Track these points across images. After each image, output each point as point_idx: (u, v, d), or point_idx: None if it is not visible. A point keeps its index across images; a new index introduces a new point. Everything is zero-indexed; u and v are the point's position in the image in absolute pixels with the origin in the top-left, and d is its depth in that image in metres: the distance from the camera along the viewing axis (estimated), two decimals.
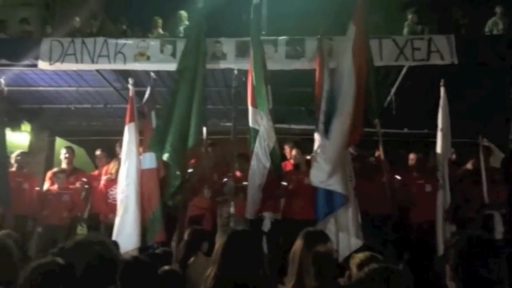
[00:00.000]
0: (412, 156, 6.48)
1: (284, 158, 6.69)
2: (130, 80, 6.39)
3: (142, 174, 5.87)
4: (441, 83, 6.04)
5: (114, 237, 5.51)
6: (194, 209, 6.38)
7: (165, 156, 5.76)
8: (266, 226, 6.19)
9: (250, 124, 5.71)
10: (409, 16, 8.02)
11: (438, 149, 5.93)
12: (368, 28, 5.83)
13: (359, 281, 2.28)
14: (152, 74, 6.61)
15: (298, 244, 2.67)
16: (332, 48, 6.38)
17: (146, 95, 6.41)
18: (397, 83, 7.10)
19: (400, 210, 6.10)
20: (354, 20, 5.71)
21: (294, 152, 6.34)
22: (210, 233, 5.17)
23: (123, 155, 6.02)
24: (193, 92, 5.97)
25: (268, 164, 5.48)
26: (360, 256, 2.91)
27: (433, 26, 8.24)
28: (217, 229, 6.38)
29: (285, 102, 7.94)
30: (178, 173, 5.78)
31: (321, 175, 5.46)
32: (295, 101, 8.02)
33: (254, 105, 5.73)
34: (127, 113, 6.20)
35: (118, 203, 5.84)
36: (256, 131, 5.62)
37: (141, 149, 6.07)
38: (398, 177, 6.40)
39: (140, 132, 6.19)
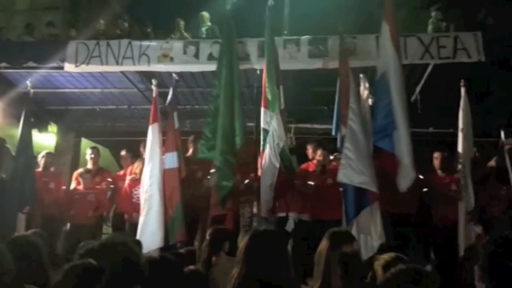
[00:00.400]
0: (436, 155, 6.36)
1: (306, 158, 6.67)
2: (154, 81, 6.46)
3: (164, 174, 5.93)
4: (461, 83, 5.91)
5: (138, 236, 5.57)
6: (215, 209, 6.40)
7: (217, 161, 5.76)
8: (290, 226, 6.19)
9: (262, 125, 5.75)
10: (433, 14, 7.87)
11: (459, 149, 5.81)
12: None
13: (387, 282, 2.26)
14: (173, 75, 6.66)
15: (324, 244, 2.65)
16: (356, 46, 6.33)
17: (169, 97, 6.45)
18: (422, 81, 6.99)
19: (424, 210, 6.00)
20: (386, 18, 5.57)
21: (319, 152, 6.29)
22: (232, 233, 5.18)
23: (146, 155, 6.08)
24: (232, 93, 5.96)
25: (278, 164, 5.48)
26: (385, 257, 2.87)
27: (457, 23, 8.09)
28: (239, 229, 6.38)
29: (307, 101, 7.94)
30: (230, 175, 5.76)
31: (351, 173, 5.37)
32: (318, 101, 7.99)
33: (266, 106, 5.72)
34: (150, 114, 6.24)
35: (142, 202, 5.90)
36: (266, 132, 5.64)
37: (163, 149, 6.12)
38: (421, 176, 6.29)
39: (163, 133, 6.23)
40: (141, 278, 2.15)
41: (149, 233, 5.65)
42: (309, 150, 6.60)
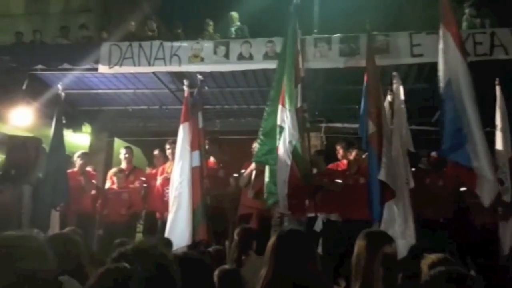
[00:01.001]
0: None
1: (335, 158, 6.61)
2: (185, 82, 6.52)
3: (192, 172, 6.00)
4: (496, 82, 5.74)
5: (166, 234, 5.65)
6: (243, 208, 6.43)
7: (270, 161, 5.72)
8: (318, 226, 6.15)
9: (278, 121, 5.68)
10: (467, 10, 7.67)
11: (498, 148, 5.64)
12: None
13: (428, 282, 2.22)
14: (198, 76, 6.71)
15: (362, 245, 2.61)
16: (389, 44, 6.23)
17: (196, 97, 6.52)
18: None
19: (460, 213, 5.87)
20: (444, 22, 5.27)
21: (355, 152, 6.22)
22: (259, 232, 5.19)
23: (177, 153, 6.15)
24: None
25: (289, 162, 5.43)
26: (433, 257, 2.82)
27: (491, 20, 7.87)
28: (264, 227, 6.37)
29: (338, 100, 7.87)
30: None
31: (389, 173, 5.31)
32: (349, 99, 7.90)
33: (283, 104, 5.68)
34: (181, 113, 6.31)
35: (171, 200, 5.96)
36: (282, 129, 5.60)
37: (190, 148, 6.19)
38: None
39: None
40: (172, 282, 2.17)
41: (178, 231, 5.69)
42: (339, 150, 6.53)
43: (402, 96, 5.49)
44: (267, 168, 5.75)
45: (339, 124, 8.30)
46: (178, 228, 5.72)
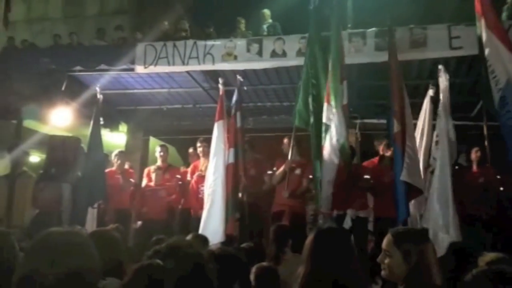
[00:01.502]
0: None
1: (371, 154, 6.50)
2: (220, 80, 6.55)
3: (226, 170, 6.03)
4: None
5: (201, 231, 5.67)
6: (276, 206, 6.40)
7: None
8: (347, 223, 6.07)
9: (323, 119, 5.59)
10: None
11: None
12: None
13: (470, 280, 2.13)
14: (238, 76, 6.70)
15: (388, 243, 2.51)
16: (426, 37, 6.05)
17: (234, 96, 6.50)
18: None
19: (503, 211, 5.66)
20: (486, 20, 5.17)
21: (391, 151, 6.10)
22: (294, 229, 5.15)
23: (211, 151, 6.19)
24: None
25: (336, 160, 5.34)
26: (491, 255, 2.72)
27: None
28: (297, 225, 6.32)
29: (373, 96, 7.73)
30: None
31: (412, 173, 5.20)
32: (384, 95, 7.73)
33: (328, 102, 5.60)
34: (216, 111, 6.33)
35: (205, 197, 6.01)
36: (328, 127, 5.51)
37: (226, 146, 6.19)
38: (498, 176, 5.95)
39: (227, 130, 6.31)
40: (208, 282, 2.17)
41: (212, 228, 5.72)
42: (380, 147, 6.40)
43: (447, 91, 5.32)
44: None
45: (374, 120, 8.15)
46: (212, 225, 5.76)
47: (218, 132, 6.20)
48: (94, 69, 7.59)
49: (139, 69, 7.23)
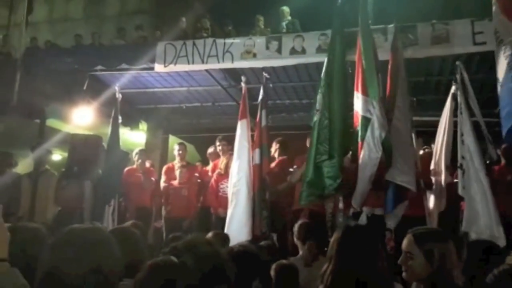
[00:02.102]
0: None
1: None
2: (243, 78, 6.47)
3: (253, 169, 6.00)
4: None
5: (226, 229, 5.70)
6: (296, 204, 6.33)
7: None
8: (362, 220, 5.99)
9: (361, 112, 5.41)
10: None
11: None
12: None
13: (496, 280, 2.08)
14: (264, 74, 6.66)
15: (409, 243, 2.47)
16: (448, 33, 5.94)
17: (260, 95, 6.48)
18: None
19: None
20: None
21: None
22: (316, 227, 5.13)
23: (235, 150, 6.16)
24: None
25: (379, 154, 5.17)
26: None
27: None
28: (316, 223, 6.26)
29: None
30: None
31: (394, 172, 5.15)
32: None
33: (366, 94, 5.43)
34: (240, 110, 6.29)
35: (230, 195, 5.99)
36: (368, 120, 5.33)
37: (253, 146, 6.16)
38: None
39: (251, 129, 6.29)
40: (225, 278, 2.16)
41: (237, 226, 5.72)
42: None
43: (469, 87, 5.21)
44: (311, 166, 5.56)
45: None
46: (237, 224, 5.75)
47: (241, 131, 6.15)
48: (115, 68, 7.67)
49: (159, 67, 7.28)
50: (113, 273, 1.86)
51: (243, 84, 6.42)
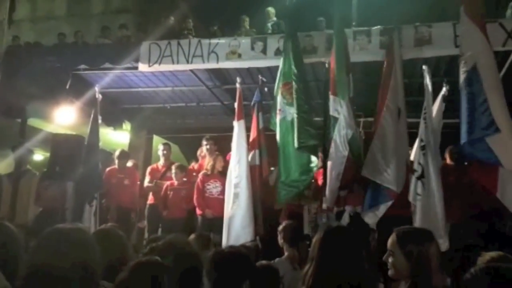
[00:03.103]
0: None
1: None
2: (238, 79, 6.49)
3: (250, 170, 6.02)
4: None
5: (227, 230, 5.73)
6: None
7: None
8: (345, 219, 6.05)
9: (330, 112, 5.62)
10: None
11: None
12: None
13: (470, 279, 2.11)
14: (260, 77, 6.65)
15: (393, 243, 2.49)
16: (431, 35, 6.02)
17: (256, 96, 6.51)
18: (504, 69, 6.53)
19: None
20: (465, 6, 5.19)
21: None
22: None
23: (234, 151, 6.16)
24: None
25: (346, 153, 5.34)
26: (492, 254, 2.70)
27: None
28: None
29: (377, 94, 7.68)
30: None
31: (373, 169, 5.25)
32: None
33: (335, 94, 5.61)
34: (236, 111, 6.32)
35: (230, 197, 5.95)
36: (336, 119, 5.51)
37: (249, 147, 6.19)
38: None
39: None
40: (199, 279, 2.17)
41: (240, 226, 5.73)
42: None
43: (430, 89, 5.31)
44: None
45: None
46: (240, 225, 5.75)
47: (239, 132, 6.18)
48: (98, 67, 7.58)
49: (143, 67, 7.22)
50: (96, 272, 1.86)
51: (238, 85, 6.43)
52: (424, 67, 5.52)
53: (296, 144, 5.54)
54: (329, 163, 5.53)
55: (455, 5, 5.51)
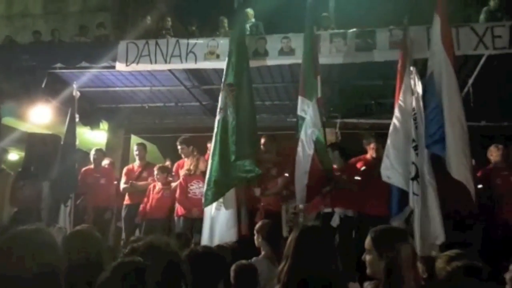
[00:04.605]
0: (494, 149, 6.15)
1: (351, 154, 6.56)
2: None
3: None
4: None
5: (209, 230, 5.70)
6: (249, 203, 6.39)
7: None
8: (335, 221, 6.11)
9: (298, 112, 5.76)
10: (491, 3, 7.48)
11: None
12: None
13: (450, 276, 2.20)
14: None
15: (370, 242, 2.56)
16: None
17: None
18: (475, 73, 6.73)
19: (487, 209, 5.80)
20: (437, 9, 5.43)
21: (374, 146, 6.18)
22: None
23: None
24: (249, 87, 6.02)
25: (311, 152, 5.45)
26: (449, 253, 2.80)
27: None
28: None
29: (354, 95, 7.83)
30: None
31: (390, 172, 5.33)
32: (365, 95, 7.86)
33: (303, 95, 5.75)
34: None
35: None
36: (303, 119, 5.64)
37: None
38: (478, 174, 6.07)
39: None
40: (181, 279, 2.20)
41: (225, 227, 5.69)
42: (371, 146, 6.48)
43: (420, 90, 5.43)
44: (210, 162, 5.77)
45: (354, 119, 8.25)
46: (225, 225, 5.71)
47: None
48: (75, 66, 7.49)
49: (121, 66, 7.16)
50: (61, 273, 1.85)
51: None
52: (412, 68, 5.59)
53: (232, 157, 5.59)
54: (296, 162, 5.61)
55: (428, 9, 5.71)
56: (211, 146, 6.01)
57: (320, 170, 5.46)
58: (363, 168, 6.13)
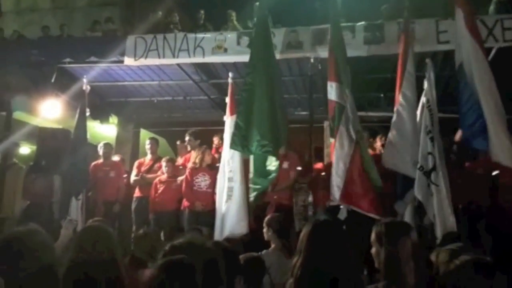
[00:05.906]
0: None
1: None
2: (230, 74, 6.38)
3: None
4: None
5: (220, 223, 5.72)
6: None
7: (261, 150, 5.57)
8: (343, 214, 6.10)
9: (334, 98, 5.46)
10: None
11: None
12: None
13: (452, 272, 2.22)
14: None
15: (377, 235, 2.58)
16: (415, 31, 6.11)
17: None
18: None
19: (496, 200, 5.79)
20: (457, 2, 5.32)
21: (381, 140, 6.16)
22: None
23: (226, 145, 6.04)
24: (272, 85, 5.86)
25: (355, 138, 5.28)
26: (452, 246, 2.81)
27: None
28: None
29: (363, 88, 7.79)
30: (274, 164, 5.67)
31: (394, 159, 5.32)
32: (374, 88, 7.84)
33: (339, 81, 5.49)
34: (228, 106, 6.14)
35: (224, 191, 5.87)
36: (342, 107, 5.40)
37: None
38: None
39: None
40: (220, 275, 2.21)
41: (235, 220, 5.66)
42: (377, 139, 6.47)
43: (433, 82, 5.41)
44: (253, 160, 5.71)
45: (363, 112, 8.20)
46: (235, 219, 5.68)
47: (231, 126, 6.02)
48: (84, 61, 7.54)
49: (129, 61, 7.19)
50: (59, 271, 1.88)
51: (230, 80, 6.32)
52: (427, 60, 5.57)
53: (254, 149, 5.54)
54: (334, 154, 5.40)
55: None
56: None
57: (362, 167, 5.26)
58: None
